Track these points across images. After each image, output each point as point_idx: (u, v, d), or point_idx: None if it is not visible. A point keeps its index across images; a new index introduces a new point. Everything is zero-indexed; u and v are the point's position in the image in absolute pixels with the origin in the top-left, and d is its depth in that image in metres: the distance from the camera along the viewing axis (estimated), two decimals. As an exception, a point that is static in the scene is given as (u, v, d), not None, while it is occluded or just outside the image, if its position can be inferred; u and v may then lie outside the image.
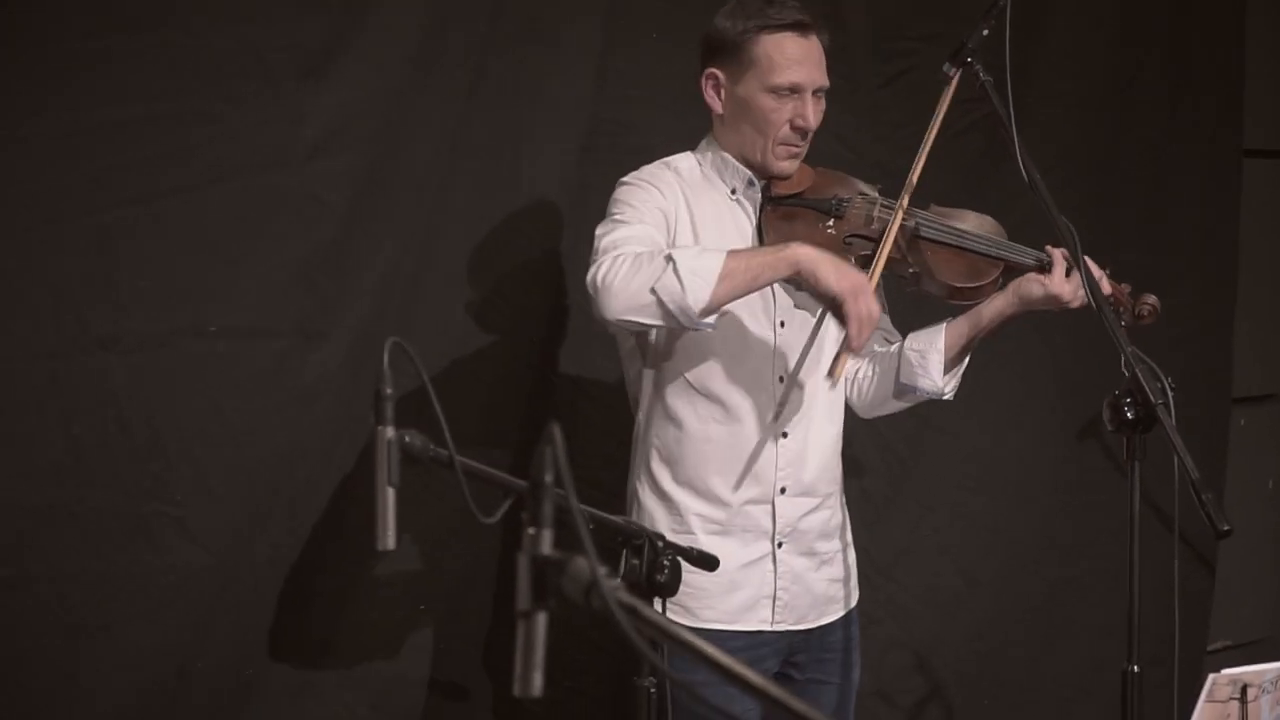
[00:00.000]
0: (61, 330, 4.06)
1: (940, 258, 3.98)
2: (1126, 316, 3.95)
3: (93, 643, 4.14)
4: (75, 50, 4.01)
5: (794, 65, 3.88)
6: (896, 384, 4.10)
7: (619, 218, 3.91)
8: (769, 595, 4.02)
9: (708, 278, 3.63)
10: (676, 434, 4.01)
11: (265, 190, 4.24)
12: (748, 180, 3.99)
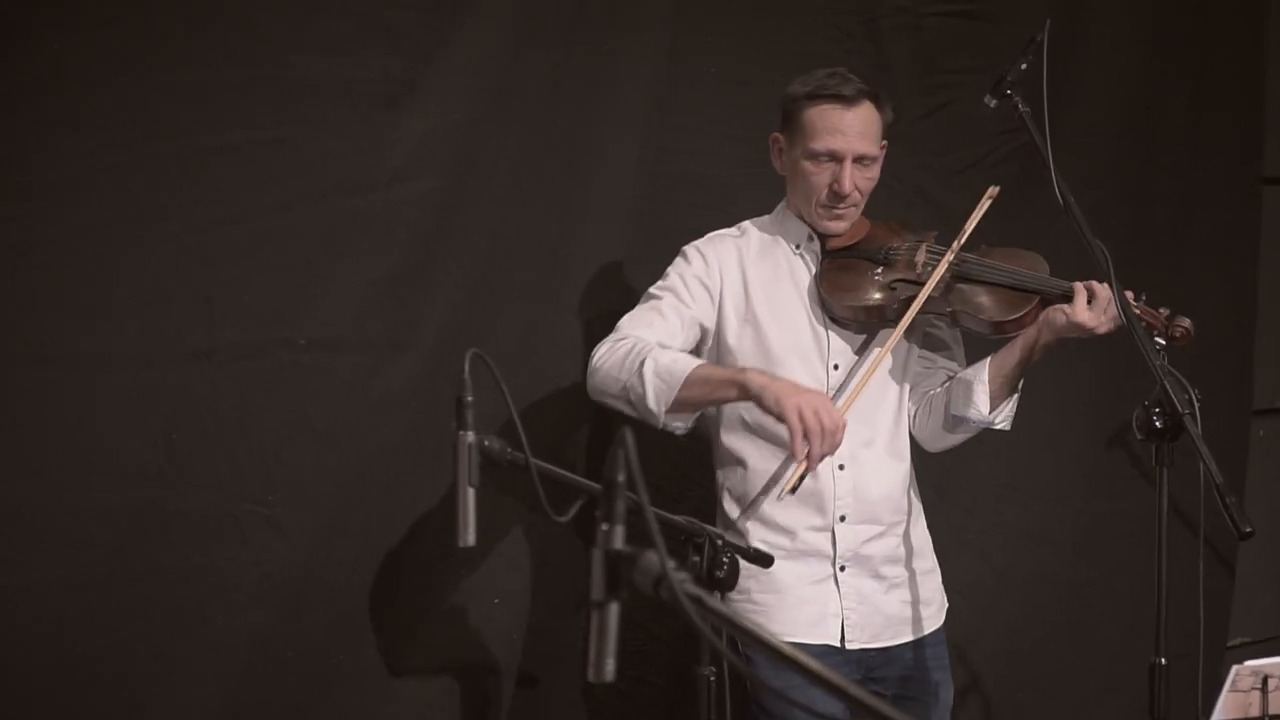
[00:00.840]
0: (161, 341, 4.07)
1: (978, 295, 3.99)
2: (1161, 340, 3.93)
3: (191, 633, 4.14)
4: (176, 81, 4.03)
5: (832, 134, 3.91)
6: (947, 416, 4.10)
7: (652, 291, 4.03)
8: (836, 614, 4.02)
9: (671, 384, 3.76)
10: (742, 473, 4.05)
11: (351, 212, 4.24)
12: (808, 235, 4.05)
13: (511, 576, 4.56)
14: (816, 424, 3.61)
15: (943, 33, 5.01)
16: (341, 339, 4.26)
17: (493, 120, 4.42)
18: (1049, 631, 5.37)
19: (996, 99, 3.96)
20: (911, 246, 3.99)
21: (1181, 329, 3.95)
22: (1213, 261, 5.53)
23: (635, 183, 4.68)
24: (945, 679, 4.21)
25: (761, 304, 3.97)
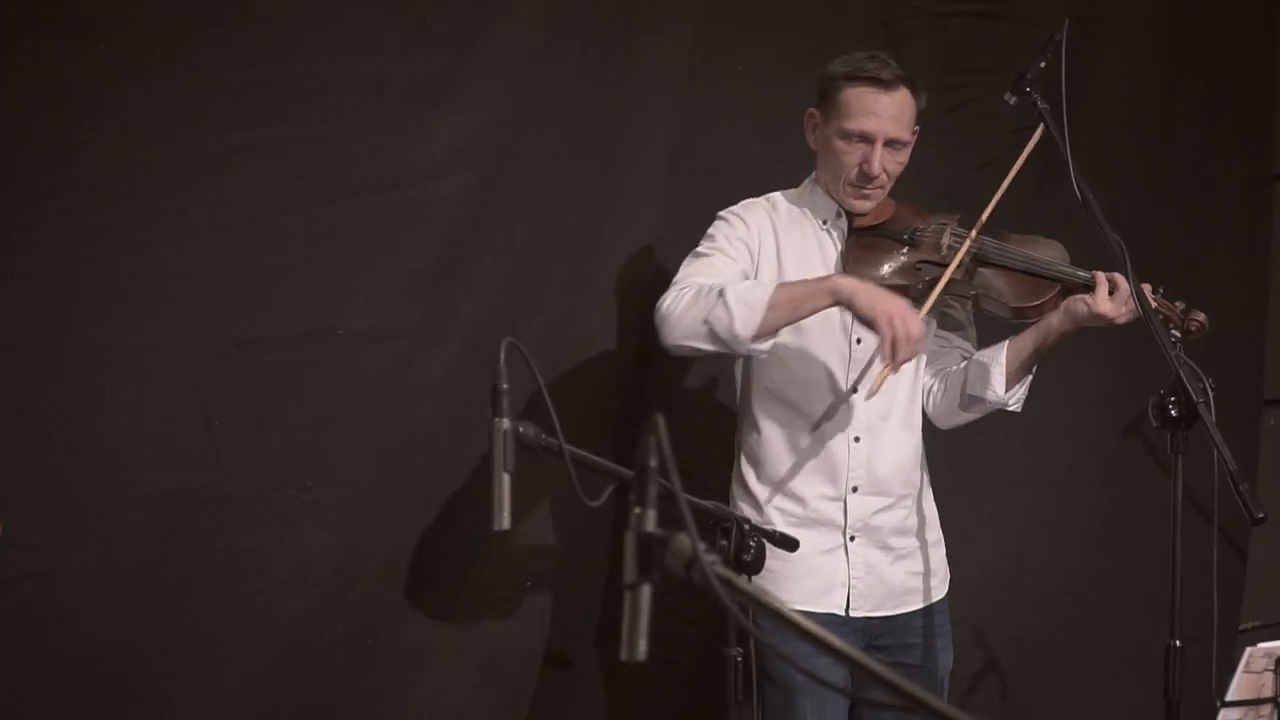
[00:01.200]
0: (200, 333, 4.10)
1: (1000, 280, 3.98)
2: (1176, 332, 3.93)
3: (232, 615, 4.16)
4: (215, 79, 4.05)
5: (866, 115, 3.90)
6: (963, 395, 4.09)
7: (701, 251, 3.99)
8: (843, 583, 4.01)
9: (756, 308, 3.72)
10: (759, 438, 4.03)
11: (386, 207, 4.26)
12: (836, 212, 4.03)
13: (543, 559, 4.57)
14: (904, 331, 3.63)
15: (963, 32, 5.01)
16: (378, 330, 4.27)
17: (525, 117, 4.42)
18: (1064, 616, 5.37)
19: (1016, 96, 3.96)
20: (936, 229, 3.98)
21: (1197, 323, 3.95)
22: (1225, 256, 5.52)
23: (664, 178, 4.68)
24: (946, 646, 4.21)
25: (792, 274, 3.95)
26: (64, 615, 3.98)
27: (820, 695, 3.97)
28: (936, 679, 4.16)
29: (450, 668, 4.45)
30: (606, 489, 2.93)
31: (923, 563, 4.14)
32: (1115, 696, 5.26)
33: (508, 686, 4.55)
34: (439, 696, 4.42)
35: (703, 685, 4.74)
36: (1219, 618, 3.99)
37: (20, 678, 3.94)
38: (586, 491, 2.90)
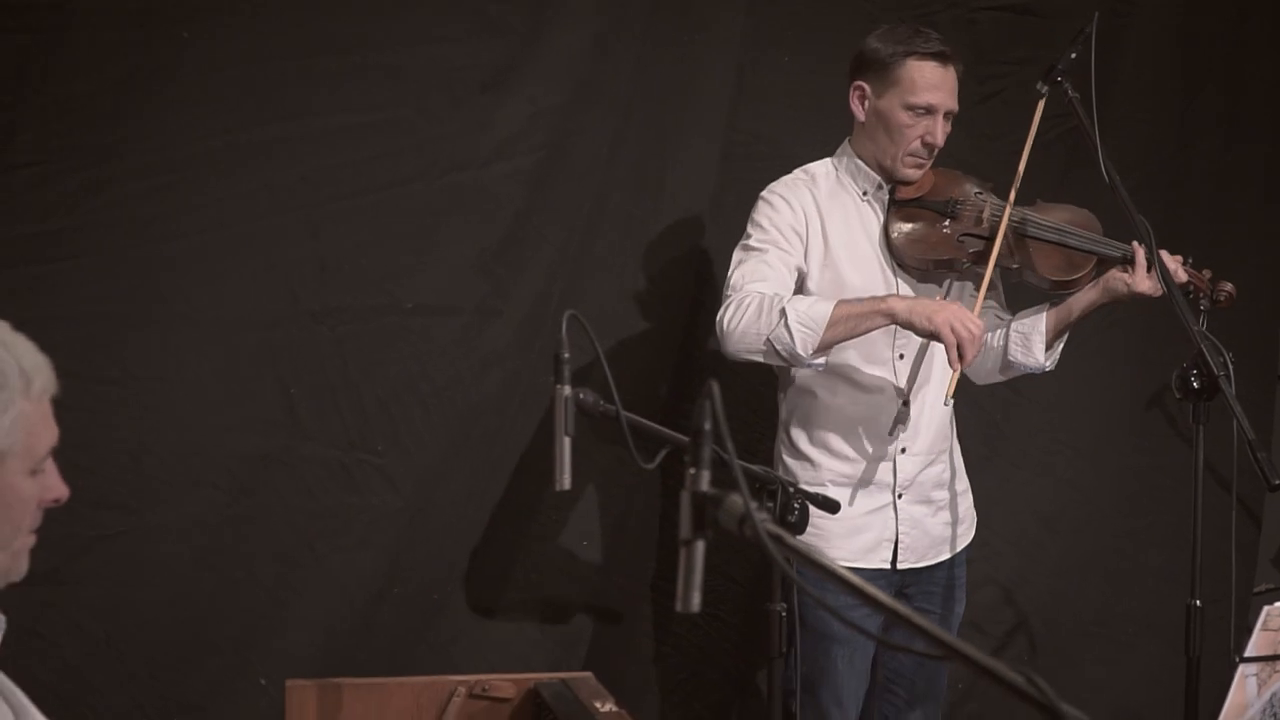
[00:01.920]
0: (279, 305, 4.14)
1: (1041, 253, 3.95)
2: (1205, 301, 3.92)
3: (305, 571, 4.20)
4: (297, 67, 4.09)
5: (932, 89, 3.87)
6: (1004, 360, 4.08)
7: (752, 244, 3.93)
8: (890, 539, 4.01)
9: (816, 329, 3.69)
10: (811, 403, 4.00)
11: (452, 189, 4.28)
12: (877, 184, 3.99)
13: (600, 519, 4.59)
14: (967, 333, 3.63)
15: (994, 26, 4.98)
16: (445, 304, 4.30)
17: (583, 105, 4.43)
18: (1091, 576, 5.36)
19: (1048, 85, 3.96)
20: (976, 202, 3.96)
21: (1225, 292, 3.94)
22: (1242, 240, 5.49)
23: (714, 162, 4.68)
24: (961, 595, 4.22)
25: (839, 249, 3.93)
26: (146, 571, 4.03)
27: (851, 644, 4.00)
28: (950, 626, 4.17)
29: (512, 621, 4.49)
30: (660, 452, 2.93)
31: (957, 512, 4.15)
32: (1138, 653, 5.25)
33: (565, 638, 4.57)
34: (502, 647, 4.45)
35: (747, 639, 4.77)
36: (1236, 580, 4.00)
37: (104, 631, 3.99)
38: (642, 455, 2.91)
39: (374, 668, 4.08)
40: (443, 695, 3.11)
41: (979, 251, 3.91)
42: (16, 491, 2.19)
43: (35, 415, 2.18)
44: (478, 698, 3.13)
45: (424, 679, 3.16)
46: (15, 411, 2.14)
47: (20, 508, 2.21)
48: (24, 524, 2.23)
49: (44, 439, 2.21)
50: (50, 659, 3.90)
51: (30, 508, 2.23)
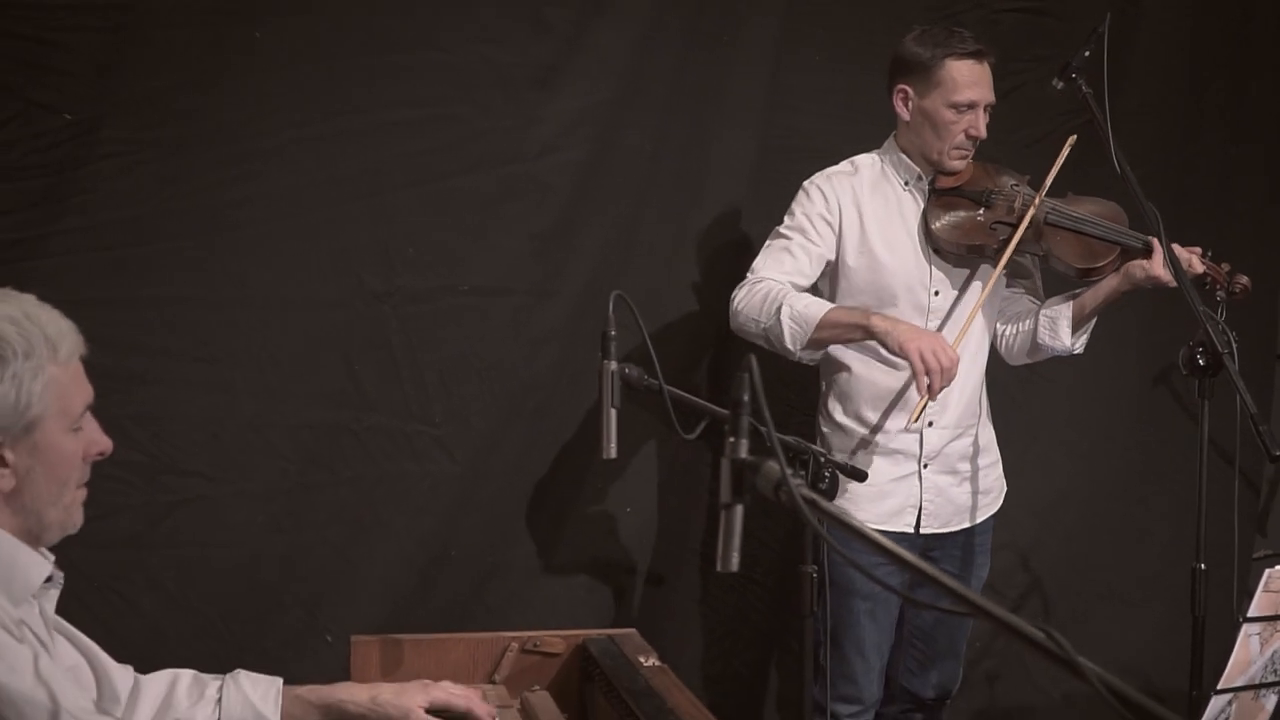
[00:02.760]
0: (345, 286, 4.15)
1: (1066, 242, 3.95)
2: (1222, 293, 3.91)
3: (369, 535, 4.21)
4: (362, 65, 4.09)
5: (973, 86, 3.88)
6: (1033, 344, 4.08)
7: (781, 230, 3.96)
8: (914, 506, 4.01)
9: (806, 328, 3.75)
10: (847, 377, 4.01)
11: (506, 179, 4.28)
12: (917, 175, 3.98)
13: (643, 487, 4.59)
14: (936, 363, 3.62)
15: (1014, 26, 4.96)
16: (500, 285, 4.30)
17: (628, 101, 4.43)
18: (1101, 542, 5.35)
19: (1063, 81, 3.95)
20: (1010, 193, 3.95)
21: (1241, 285, 3.93)
22: (1243, 229, 5.46)
23: (750, 154, 4.66)
24: (985, 560, 4.22)
25: (875, 235, 3.93)
26: (221, 534, 4.05)
27: (873, 599, 4.01)
28: (971, 588, 4.16)
29: (561, 581, 4.49)
30: (700, 424, 2.92)
31: (984, 483, 4.14)
32: (1147, 613, 5.24)
33: (610, 598, 4.58)
34: (552, 605, 4.45)
35: (780, 599, 4.77)
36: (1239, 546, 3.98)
37: (181, 589, 4.01)
38: (683, 426, 2.91)
39: (432, 624, 4.08)
40: (497, 650, 3.11)
41: (1008, 239, 3.90)
42: (59, 449, 2.23)
43: (65, 378, 2.22)
44: (529, 652, 3.12)
45: (479, 635, 3.16)
46: (45, 377, 2.19)
47: (65, 464, 2.24)
48: (71, 479, 2.27)
49: (78, 398, 2.25)
50: (131, 618, 3.93)
51: (76, 463, 2.26)
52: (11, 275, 2.35)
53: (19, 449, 2.18)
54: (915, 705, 4.27)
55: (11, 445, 2.17)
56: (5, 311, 2.18)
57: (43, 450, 2.20)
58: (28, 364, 2.16)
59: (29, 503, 2.21)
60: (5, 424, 2.15)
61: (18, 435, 2.17)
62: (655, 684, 2.85)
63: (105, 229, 3.84)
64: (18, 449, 2.18)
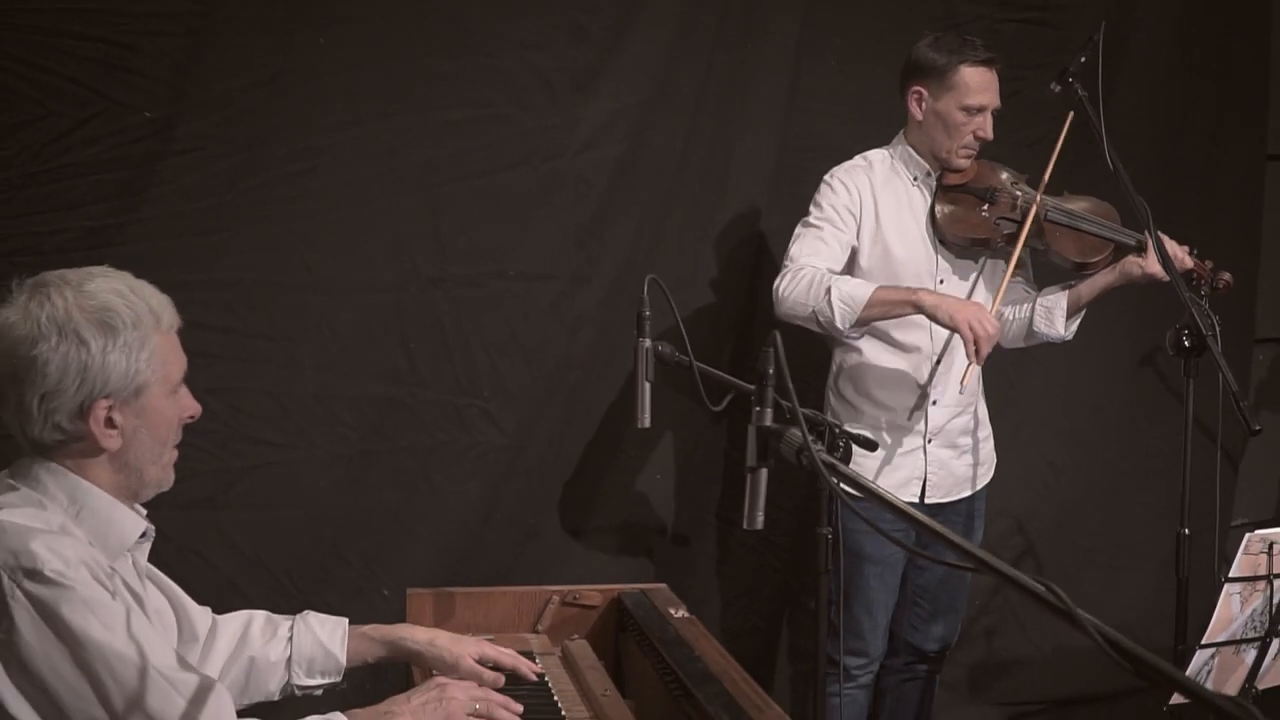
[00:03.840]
0: (402, 272, 4.14)
1: (1064, 238, 3.92)
2: (1206, 288, 3.87)
3: (423, 498, 4.22)
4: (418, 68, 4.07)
5: (984, 91, 3.87)
6: (1029, 330, 4.05)
7: (811, 221, 3.92)
8: (920, 477, 3.99)
9: (855, 307, 3.71)
10: (857, 359, 3.99)
11: (548, 174, 4.27)
12: (926, 171, 3.96)
13: (670, 457, 4.58)
14: (983, 330, 3.60)
15: (1015, 36, 4.94)
16: (543, 272, 4.29)
17: (659, 103, 4.40)
18: (1090, 510, 5.33)
19: (1060, 85, 3.92)
20: (1011, 193, 3.92)
21: (1224, 281, 3.90)
22: (1226, 223, 5.44)
23: (772, 150, 4.64)
24: (981, 525, 4.22)
25: (889, 226, 3.91)
26: (288, 497, 4.05)
27: (882, 563, 4.01)
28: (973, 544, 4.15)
29: (597, 540, 4.49)
30: (726, 397, 2.91)
31: (981, 455, 4.13)
32: (1134, 576, 5.21)
33: (641, 556, 4.58)
34: (588, 562, 4.45)
35: (795, 559, 4.76)
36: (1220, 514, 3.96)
37: (252, 547, 4.02)
38: (711, 399, 2.89)
39: (480, 579, 4.08)
40: (540, 602, 3.11)
41: (1011, 234, 3.89)
42: (161, 412, 2.25)
43: (166, 346, 2.26)
44: (569, 605, 3.12)
45: (523, 588, 3.16)
46: (152, 345, 2.22)
47: (165, 426, 2.27)
48: (169, 439, 2.30)
49: (176, 366, 2.29)
50: (206, 572, 3.93)
51: (173, 425, 2.30)
52: (96, 259, 2.35)
53: (127, 412, 2.21)
54: (918, 658, 4.25)
55: (121, 408, 2.20)
56: (112, 286, 2.21)
57: (147, 413, 2.22)
58: (135, 334, 2.19)
59: (133, 460, 2.24)
60: (116, 388, 2.18)
61: (127, 399, 2.20)
62: (684, 634, 2.85)
63: (181, 218, 3.84)
64: (126, 412, 2.20)
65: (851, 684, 4.06)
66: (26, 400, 2.15)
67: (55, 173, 3.69)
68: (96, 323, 2.16)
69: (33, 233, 3.66)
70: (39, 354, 2.13)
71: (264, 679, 2.64)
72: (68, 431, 2.18)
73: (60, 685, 2.06)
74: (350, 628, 2.70)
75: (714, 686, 2.53)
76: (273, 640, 2.65)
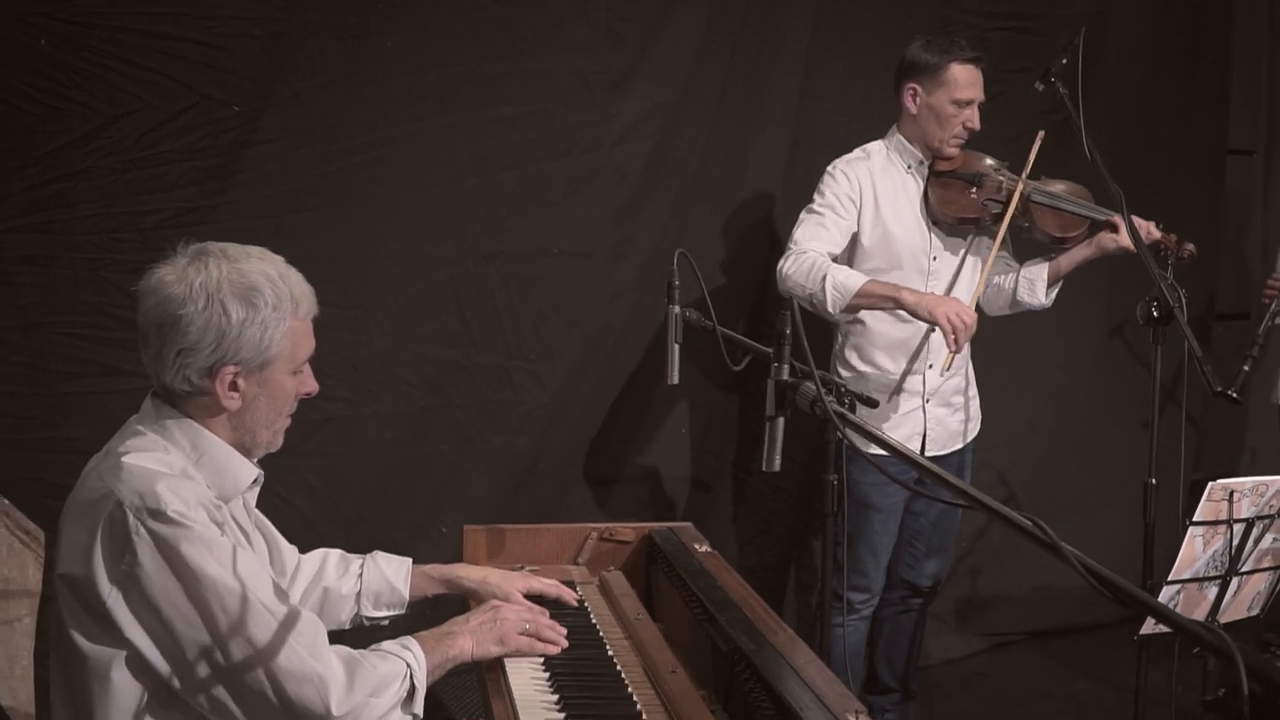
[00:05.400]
0: (459, 249, 4.12)
1: (1045, 216, 3.87)
2: (1172, 258, 3.82)
3: (476, 449, 4.21)
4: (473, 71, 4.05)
5: (971, 86, 3.83)
6: (1013, 299, 4.02)
7: (815, 208, 3.87)
8: (920, 434, 3.96)
9: (846, 295, 3.67)
10: (861, 328, 3.95)
11: (588, 164, 4.25)
12: (919, 160, 3.91)
13: (695, 413, 4.57)
14: (960, 323, 3.57)
15: (1002, 42, 4.90)
16: (583, 249, 4.28)
17: (686, 101, 4.37)
18: (1065, 464, 5.31)
19: (1044, 84, 3.87)
20: (996, 177, 3.88)
21: (1188, 250, 3.85)
22: (1189, 209, 5.40)
23: (785, 144, 4.61)
24: (969, 475, 4.17)
25: (887, 210, 3.86)
26: (359, 447, 4.04)
27: (885, 511, 3.98)
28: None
29: (628, 489, 4.48)
30: (745, 359, 2.88)
31: (970, 411, 4.09)
32: (1105, 522, 5.17)
33: (667, 500, 4.56)
34: (621, 505, 4.44)
35: (804, 505, 4.75)
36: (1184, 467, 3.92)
37: (327, 490, 4.01)
38: (732, 359, 2.87)
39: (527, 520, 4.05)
40: (580, 538, 3.10)
41: (997, 213, 3.84)
42: (281, 386, 2.25)
43: (300, 330, 2.25)
44: (605, 541, 3.10)
45: (566, 526, 3.14)
46: (286, 326, 2.21)
47: (283, 398, 2.27)
48: (284, 410, 2.30)
49: (304, 348, 2.29)
50: (287, 511, 3.92)
51: (290, 398, 2.29)
52: (190, 237, 2.33)
53: (251, 380, 2.21)
54: (913, 592, 4.22)
55: (246, 376, 2.20)
56: (264, 269, 2.21)
57: (269, 384, 2.22)
58: (274, 314, 2.18)
59: (248, 422, 2.24)
60: (246, 358, 2.18)
61: (253, 369, 2.20)
62: (708, 566, 2.83)
63: (264, 200, 3.82)
64: (250, 380, 2.20)
65: (854, 616, 4.04)
66: (165, 350, 2.16)
67: (153, 159, 3.67)
68: (241, 298, 2.16)
69: (134, 212, 3.65)
70: (185, 314, 2.14)
71: (336, 609, 2.66)
72: (195, 385, 2.18)
73: (174, 614, 2.06)
74: (414, 567, 2.72)
75: (734, 612, 2.51)
76: (345, 575, 2.68)
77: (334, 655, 2.16)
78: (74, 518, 2.13)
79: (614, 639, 2.59)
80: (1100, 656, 5.06)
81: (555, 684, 2.35)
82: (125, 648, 2.08)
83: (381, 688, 2.18)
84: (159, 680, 2.09)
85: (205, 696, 2.09)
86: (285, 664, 2.08)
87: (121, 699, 2.09)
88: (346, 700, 2.12)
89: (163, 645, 2.08)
